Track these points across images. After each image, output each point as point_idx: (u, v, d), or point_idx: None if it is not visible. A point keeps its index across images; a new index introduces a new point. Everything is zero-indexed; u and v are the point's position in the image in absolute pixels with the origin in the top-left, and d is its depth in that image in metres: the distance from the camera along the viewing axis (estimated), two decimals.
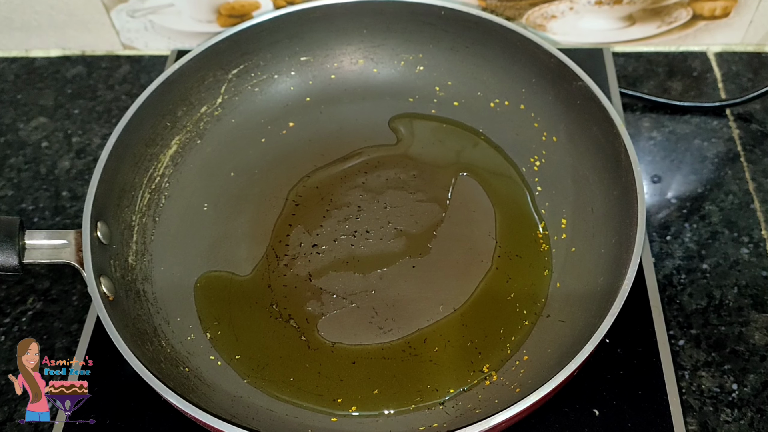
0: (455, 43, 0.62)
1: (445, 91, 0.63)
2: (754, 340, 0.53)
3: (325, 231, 0.56)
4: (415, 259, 0.55)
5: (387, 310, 0.52)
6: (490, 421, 0.41)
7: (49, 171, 0.64)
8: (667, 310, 0.54)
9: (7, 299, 0.57)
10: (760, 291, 0.55)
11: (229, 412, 0.46)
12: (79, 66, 0.72)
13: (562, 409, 0.49)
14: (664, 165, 0.62)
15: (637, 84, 0.68)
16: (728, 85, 0.67)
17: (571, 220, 0.56)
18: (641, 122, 0.65)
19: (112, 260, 0.51)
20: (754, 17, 0.67)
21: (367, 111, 0.63)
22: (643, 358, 0.51)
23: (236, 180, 0.60)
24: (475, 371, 0.50)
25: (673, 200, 0.60)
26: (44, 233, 0.49)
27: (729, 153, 0.63)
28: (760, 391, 0.50)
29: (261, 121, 0.63)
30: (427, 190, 0.58)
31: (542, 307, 0.52)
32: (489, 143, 0.61)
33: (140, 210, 0.56)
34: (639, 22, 0.68)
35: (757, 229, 0.58)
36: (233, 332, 0.52)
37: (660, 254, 0.57)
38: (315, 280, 0.54)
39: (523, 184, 0.58)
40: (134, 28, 0.70)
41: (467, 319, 0.52)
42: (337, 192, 0.59)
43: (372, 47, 0.64)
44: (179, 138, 0.59)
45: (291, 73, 0.64)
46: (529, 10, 0.67)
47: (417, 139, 0.62)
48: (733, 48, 0.70)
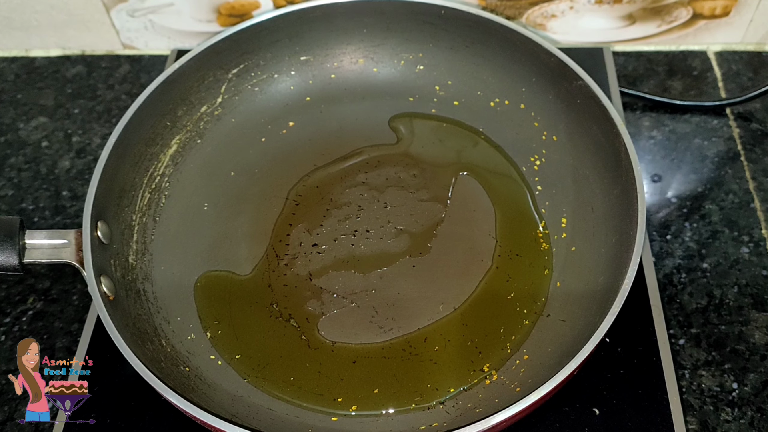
0: (455, 42, 0.62)
1: (445, 90, 0.63)
2: (754, 340, 0.53)
3: (325, 230, 0.56)
4: (415, 258, 0.55)
5: (387, 310, 0.52)
6: (490, 420, 0.41)
7: (50, 170, 0.64)
8: (668, 309, 0.54)
9: (7, 299, 0.57)
10: (760, 290, 0.55)
11: (229, 412, 0.46)
12: (79, 65, 0.72)
13: (562, 409, 0.49)
14: (665, 164, 0.62)
15: (637, 83, 0.68)
16: (728, 84, 0.67)
17: (571, 220, 0.56)
18: (641, 121, 0.65)
19: (112, 260, 0.51)
20: (755, 16, 0.67)
21: (367, 110, 0.63)
22: (644, 358, 0.51)
23: (236, 179, 0.60)
24: (475, 370, 0.50)
25: (673, 199, 0.60)
26: (44, 233, 0.49)
27: (729, 152, 0.63)
28: (760, 391, 0.50)
29: (261, 121, 0.63)
30: (427, 190, 0.58)
31: (542, 307, 0.52)
32: (489, 142, 0.61)
33: (140, 209, 0.56)
34: (639, 21, 0.68)
35: (757, 228, 0.58)
36: (233, 332, 0.52)
37: (660, 253, 0.57)
38: (315, 280, 0.54)
39: (524, 183, 0.58)
40: (134, 27, 0.70)
41: (467, 318, 0.52)
42: (338, 191, 0.58)
43: (372, 46, 0.64)
44: (179, 137, 0.59)
45: (291, 72, 0.64)
46: (529, 9, 0.67)
47: (417, 139, 0.62)
48: (734, 47, 0.70)
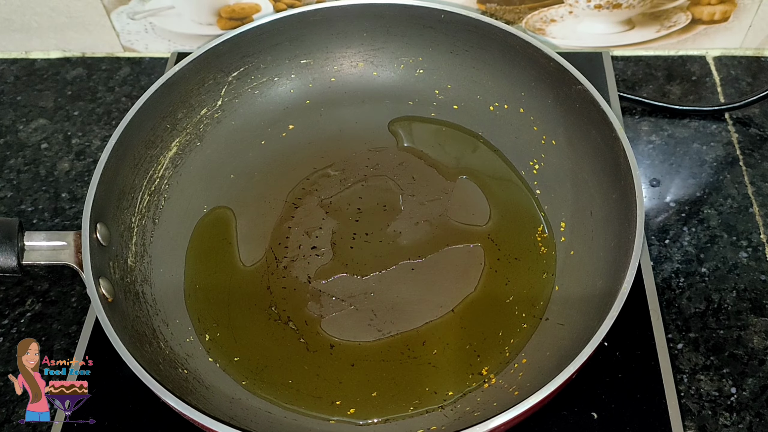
0: (455, 46, 0.62)
1: (445, 94, 0.63)
2: (752, 344, 0.53)
3: (324, 233, 0.56)
4: (414, 261, 0.55)
5: (386, 313, 0.52)
6: (488, 424, 0.41)
7: (49, 172, 0.64)
8: (666, 313, 0.54)
9: (5, 301, 0.57)
10: (758, 295, 0.55)
11: (227, 414, 0.46)
12: (79, 68, 0.72)
13: (560, 413, 0.49)
14: (663, 169, 0.62)
15: (636, 88, 0.68)
16: (727, 89, 0.67)
17: (570, 224, 0.56)
18: (640, 126, 0.65)
19: (111, 262, 0.51)
20: (754, 21, 0.67)
21: (367, 114, 0.63)
22: (642, 362, 0.51)
23: (236, 182, 0.60)
24: (473, 374, 0.49)
25: (671, 204, 0.60)
26: (43, 235, 0.49)
27: (728, 157, 0.63)
28: (758, 395, 0.50)
29: (261, 124, 0.63)
30: (426, 193, 0.58)
31: (541, 311, 0.52)
32: (488, 146, 0.61)
33: (140, 212, 0.56)
34: (638, 26, 0.68)
35: (755, 233, 0.58)
36: (232, 334, 0.52)
37: (659, 258, 0.57)
38: (314, 283, 0.54)
39: (523, 187, 0.58)
40: (134, 30, 0.70)
41: (466, 321, 0.52)
42: (337, 194, 0.59)
43: (372, 50, 0.64)
44: (179, 140, 0.59)
45: (291, 75, 0.64)
46: (528, 14, 0.67)
47: (416, 143, 0.62)
48: (732, 52, 0.70)
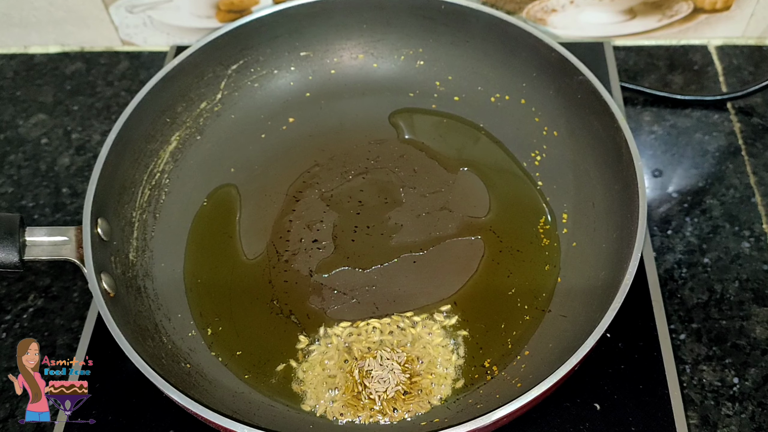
0: (455, 37, 0.61)
1: (446, 85, 0.63)
2: (755, 334, 0.53)
3: (325, 226, 0.56)
4: (415, 254, 0.55)
5: (388, 306, 0.52)
6: (491, 416, 0.41)
7: (49, 168, 0.64)
8: (668, 304, 0.54)
9: (7, 296, 0.57)
10: (761, 285, 0.55)
11: (230, 408, 0.46)
12: (78, 62, 0.72)
13: (563, 404, 0.49)
14: (665, 159, 0.62)
15: (638, 78, 0.68)
16: (729, 78, 0.67)
17: (572, 215, 0.55)
18: (642, 116, 0.65)
19: (112, 257, 0.51)
20: (756, 10, 0.67)
21: (367, 106, 0.63)
22: (644, 353, 0.51)
23: (236, 176, 0.60)
24: (476, 366, 0.50)
25: (674, 194, 0.60)
26: (45, 230, 0.49)
27: (730, 147, 0.63)
28: (761, 385, 0.50)
29: (261, 117, 0.62)
30: (427, 186, 0.58)
31: (543, 302, 0.52)
32: (490, 138, 0.61)
33: (140, 206, 0.55)
34: (640, 16, 0.67)
35: (758, 223, 0.58)
36: (234, 328, 0.52)
37: (661, 248, 0.57)
38: (316, 276, 0.54)
39: (525, 178, 0.58)
40: (133, 23, 0.70)
41: (468, 314, 0.52)
42: (338, 187, 0.58)
43: (372, 42, 0.63)
44: (179, 134, 0.59)
45: (291, 68, 0.64)
46: (529, 3, 0.67)
47: (417, 134, 0.61)
48: (734, 41, 0.70)
